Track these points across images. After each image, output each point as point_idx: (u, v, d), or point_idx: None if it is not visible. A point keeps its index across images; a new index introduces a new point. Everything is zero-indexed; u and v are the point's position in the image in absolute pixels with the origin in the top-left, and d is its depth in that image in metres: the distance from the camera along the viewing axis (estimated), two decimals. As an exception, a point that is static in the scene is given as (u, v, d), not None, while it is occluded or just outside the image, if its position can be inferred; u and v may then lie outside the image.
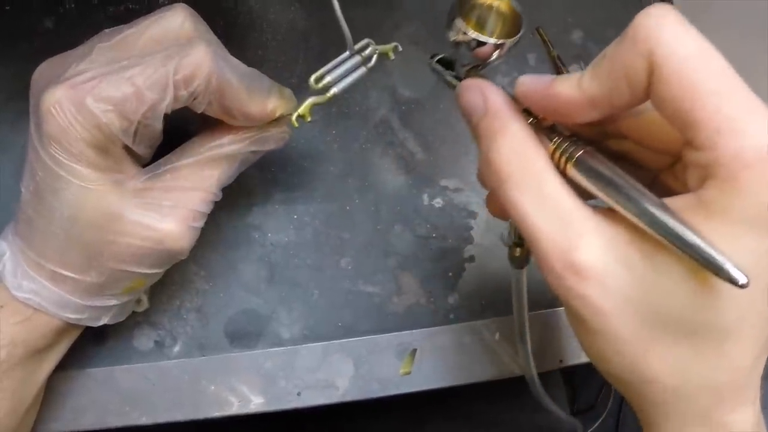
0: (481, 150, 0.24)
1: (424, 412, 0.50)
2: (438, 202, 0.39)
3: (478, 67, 0.26)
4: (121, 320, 0.34)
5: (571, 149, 0.23)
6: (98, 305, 0.31)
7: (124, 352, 0.36)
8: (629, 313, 0.21)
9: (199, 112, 0.28)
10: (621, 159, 0.26)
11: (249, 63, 0.30)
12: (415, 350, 0.37)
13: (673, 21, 0.20)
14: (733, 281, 0.18)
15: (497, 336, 0.37)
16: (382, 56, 0.31)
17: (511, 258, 0.31)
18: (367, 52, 0.30)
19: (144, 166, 0.30)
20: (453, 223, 0.38)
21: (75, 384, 0.35)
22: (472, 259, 0.38)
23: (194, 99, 0.27)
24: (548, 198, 0.22)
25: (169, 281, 0.36)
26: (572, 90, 0.22)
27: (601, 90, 0.21)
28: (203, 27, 0.29)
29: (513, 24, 0.25)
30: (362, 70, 0.30)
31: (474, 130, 0.25)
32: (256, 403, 0.36)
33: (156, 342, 0.36)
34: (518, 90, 0.24)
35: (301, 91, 0.39)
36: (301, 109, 0.30)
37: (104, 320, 0.32)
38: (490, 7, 0.25)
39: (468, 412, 0.50)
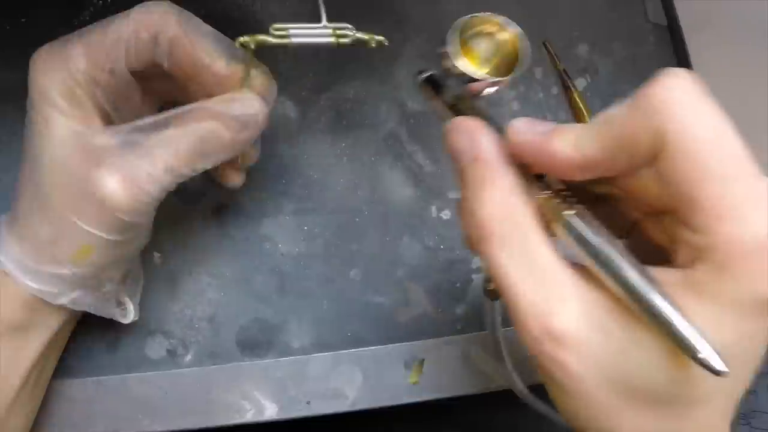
0: (465, 197, 0.23)
1: (428, 421, 0.50)
2: (446, 214, 0.39)
3: (470, 98, 0.24)
4: (98, 314, 0.33)
5: (560, 206, 0.22)
6: (52, 272, 0.29)
7: (137, 360, 0.36)
8: (601, 378, 0.21)
9: (164, 66, 0.29)
10: (603, 201, 0.25)
11: None
12: (422, 360, 0.37)
13: (690, 95, 0.19)
14: (711, 370, 0.18)
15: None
16: (360, 42, 0.28)
17: (486, 291, 0.31)
18: (344, 32, 0.27)
19: None
20: (460, 235, 0.39)
21: (88, 391, 0.36)
22: (479, 270, 0.38)
23: (158, 47, 0.28)
24: (531, 259, 0.21)
25: (182, 291, 0.37)
26: (570, 150, 0.21)
27: (602, 155, 0.21)
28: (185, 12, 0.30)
29: (515, 58, 0.23)
30: (330, 40, 0.27)
31: (460, 174, 0.24)
32: (266, 411, 0.36)
33: (168, 351, 0.37)
34: (512, 139, 0.23)
35: (311, 102, 0.39)
36: (248, 37, 0.27)
37: (64, 299, 0.30)
38: (492, 37, 0.24)
39: (473, 421, 0.50)
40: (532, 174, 0.23)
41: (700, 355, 0.18)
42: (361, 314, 0.37)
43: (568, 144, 0.21)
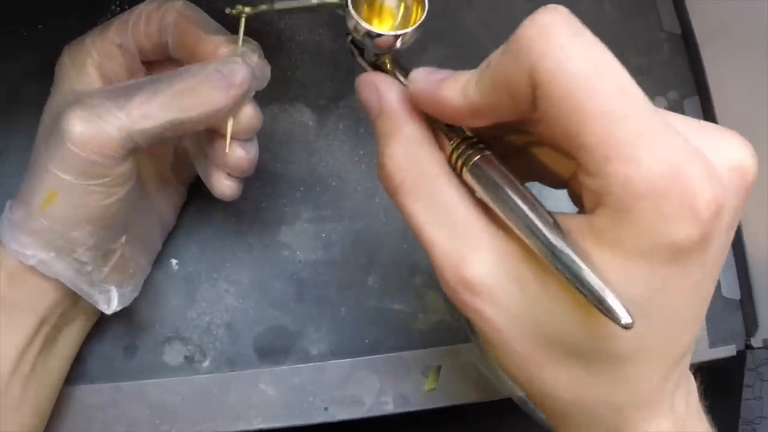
0: (377, 151, 0.23)
1: (439, 426, 0.51)
2: (462, 221, 0.39)
3: (388, 55, 0.24)
4: (75, 290, 0.31)
5: (469, 152, 0.21)
6: (26, 227, 0.29)
7: (155, 366, 0.37)
8: (522, 331, 0.20)
9: (169, 43, 0.31)
10: (531, 151, 0.24)
11: (277, 83, 0.31)
12: (439, 367, 0.37)
13: (561, 29, 0.17)
14: (618, 323, 0.17)
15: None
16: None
17: None
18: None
19: None
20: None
21: (105, 397, 0.36)
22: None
23: (164, 23, 0.30)
24: (441, 207, 0.21)
25: (199, 297, 0.37)
26: (457, 98, 0.20)
27: (484, 101, 0.20)
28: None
29: (418, 7, 0.23)
30: (313, 2, 0.26)
31: (373, 129, 0.23)
32: (284, 418, 0.36)
33: (186, 357, 0.37)
34: (410, 89, 0.22)
35: (329, 110, 0.40)
36: (240, 6, 0.28)
37: (33, 261, 0.29)
38: None
39: (484, 426, 0.50)
40: (444, 125, 0.22)
41: (603, 305, 0.17)
42: (379, 321, 0.37)
43: (455, 91, 0.20)
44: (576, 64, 0.17)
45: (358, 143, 0.39)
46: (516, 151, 0.24)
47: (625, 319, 0.17)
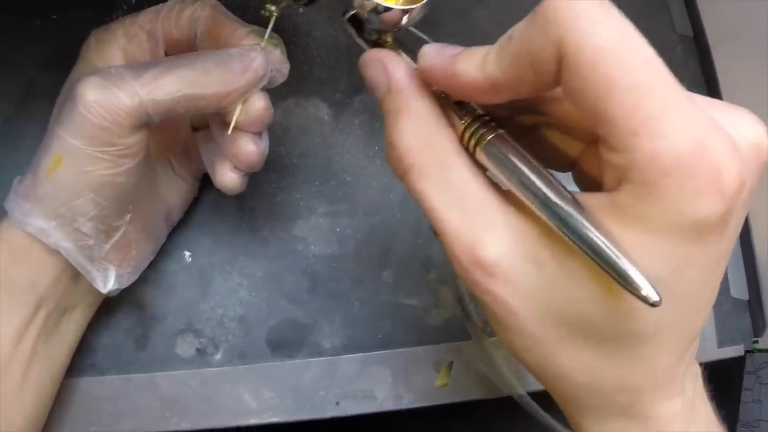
0: (385, 130, 0.22)
1: (444, 424, 0.51)
2: (476, 218, 0.39)
3: (390, 31, 0.24)
4: (73, 263, 0.30)
5: (482, 131, 0.21)
6: (30, 193, 0.29)
7: (166, 358, 0.36)
8: (537, 312, 0.20)
9: (198, 34, 0.31)
10: (538, 132, 0.24)
11: (294, 78, 0.31)
12: (452, 362, 0.37)
13: (587, 1, 0.17)
14: (646, 301, 0.17)
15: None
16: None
17: (432, 229, 0.29)
18: None
19: None
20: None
21: (116, 389, 0.36)
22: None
23: (195, 18, 0.31)
24: (454, 187, 0.20)
25: (213, 290, 0.37)
26: (475, 72, 0.20)
27: (505, 76, 0.19)
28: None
29: None
30: None
31: (380, 109, 0.23)
32: (295, 411, 0.36)
33: (198, 349, 0.37)
34: (420, 65, 0.21)
35: (345, 105, 0.40)
36: (272, 6, 0.29)
37: (32, 228, 0.29)
38: None
39: (490, 423, 0.50)
40: (454, 102, 0.22)
41: (629, 283, 0.17)
42: (392, 316, 0.38)
43: (472, 65, 0.20)
44: (603, 36, 0.17)
45: (374, 138, 0.39)
46: (522, 132, 0.24)
47: (653, 297, 0.17)
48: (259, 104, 0.30)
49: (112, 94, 0.27)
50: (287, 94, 0.39)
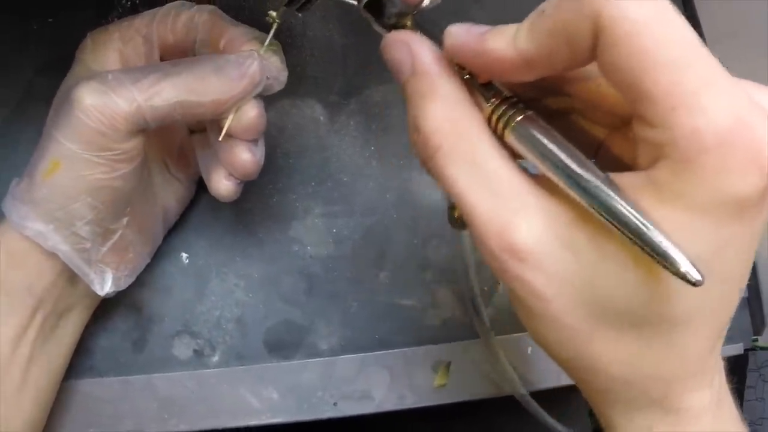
0: (409, 114, 0.22)
1: (446, 424, 0.51)
2: (472, 217, 0.39)
3: (410, 15, 0.23)
4: (71, 266, 0.30)
5: (510, 113, 0.20)
6: (28, 196, 0.29)
7: (164, 360, 0.36)
8: (572, 300, 0.19)
9: (196, 39, 0.32)
10: (563, 118, 0.24)
11: (289, 78, 0.32)
12: (449, 363, 0.37)
13: None
14: (687, 279, 0.16)
15: (530, 350, 0.38)
16: None
17: (451, 219, 0.28)
18: None
19: None
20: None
21: (114, 391, 0.36)
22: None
23: (193, 23, 0.31)
24: (483, 170, 0.20)
25: (209, 292, 0.37)
26: (506, 48, 0.19)
27: (538, 51, 0.19)
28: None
29: None
30: None
31: (403, 92, 0.22)
32: (293, 412, 0.36)
33: (195, 351, 0.37)
34: (447, 44, 0.21)
35: (340, 106, 0.40)
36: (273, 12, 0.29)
37: (29, 231, 0.29)
38: None
39: (489, 424, 0.50)
40: (480, 84, 0.21)
41: (670, 261, 0.17)
42: (389, 316, 0.37)
43: (503, 42, 0.19)
44: (641, 11, 0.17)
45: (370, 139, 0.39)
46: (546, 117, 0.24)
47: (695, 275, 0.16)
48: (251, 113, 0.30)
49: (110, 99, 0.27)
50: (282, 94, 0.38)
